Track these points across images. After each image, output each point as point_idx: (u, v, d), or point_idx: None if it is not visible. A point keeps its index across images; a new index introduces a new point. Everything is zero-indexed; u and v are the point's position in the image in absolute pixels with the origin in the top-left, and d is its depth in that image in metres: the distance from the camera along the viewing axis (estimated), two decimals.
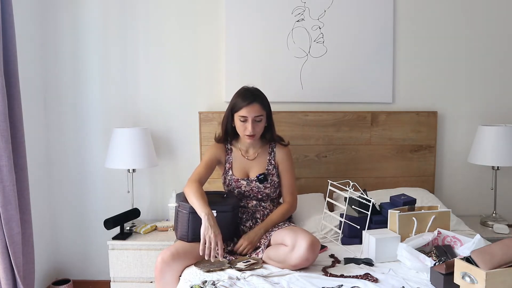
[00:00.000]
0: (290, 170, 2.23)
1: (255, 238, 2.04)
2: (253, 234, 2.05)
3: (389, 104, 2.75)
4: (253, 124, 2.11)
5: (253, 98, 2.11)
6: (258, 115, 2.11)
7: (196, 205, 1.93)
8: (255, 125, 2.12)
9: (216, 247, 1.85)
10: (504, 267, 1.52)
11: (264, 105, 2.14)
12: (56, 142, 2.75)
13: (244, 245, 2.01)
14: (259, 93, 2.16)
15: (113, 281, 2.40)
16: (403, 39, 2.72)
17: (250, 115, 2.10)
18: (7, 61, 2.07)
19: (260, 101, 2.13)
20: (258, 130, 2.14)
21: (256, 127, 2.12)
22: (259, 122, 2.13)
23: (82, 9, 2.67)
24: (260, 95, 2.16)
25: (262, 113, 2.13)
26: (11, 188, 2.01)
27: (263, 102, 2.14)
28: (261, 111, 2.12)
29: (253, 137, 2.14)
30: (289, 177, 2.22)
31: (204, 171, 2.15)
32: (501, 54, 2.74)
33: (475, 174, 2.78)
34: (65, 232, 2.81)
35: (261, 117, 2.12)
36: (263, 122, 2.16)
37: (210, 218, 1.88)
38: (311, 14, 2.66)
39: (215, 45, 2.70)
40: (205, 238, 1.85)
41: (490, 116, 2.76)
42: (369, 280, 1.76)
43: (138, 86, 2.73)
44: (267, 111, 2.17)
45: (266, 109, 2.16)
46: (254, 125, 2.11)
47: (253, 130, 2.11)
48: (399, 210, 2.08)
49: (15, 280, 2.09)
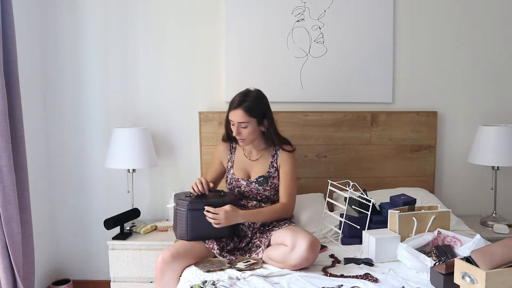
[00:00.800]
0: (290, 173, 2.15)
1: (230, 219, 1.96)
2: (233, 214, 1.97)
3: (389, 104, 2.75)
4: (238, 129, 2.09)
5: (238, 103, 2.06)
6: (242, 122, 2.07)
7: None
8: (241, 130, 2.09)
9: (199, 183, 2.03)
10: (504, 267, 1.52)
11: (251, 112, 2.06)
12: (56, 142, 2.75)
13: (217, 218, 1.94)
14: (250, 99, 2.07)
15: (113, 281, 2.40)
16: (403, 39, 2.72)
17: (234, 120, 2.08)
18: (7, 61, 2.07)
19: (246, 108, 2.05)
20: (245, 135, 2.10)
21: (243, 132, 2.09)
22: (244, 128, 2.09)
23: (82, 10, 2.67)
24: (251, 101, 2.07)
25: (247, 120, 2.06)
26: (11, 188, 2.01)
27: (250, 109, 2.05)
28: (245, 117, 2.05)
29: (243, 141, 2.12)
30: (288, 179, 2.15)
31: (211, 173, 2.29)
32: (501, 54, 2.74)
33: (475, 174, 2.78)
34: (65, 232, 2.81)
35: (246, 124, 2.07)
36: (251, 128, 2.09)
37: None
38: (311, 14, 2.67)
39: (215, 45, 2.70)
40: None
41: (490, 116, 2.76)
42: (369, 280, 1.76)
43: (138, 86, 2.73)
44: (258, 117, 2.09)
45: (254, 116, 2.07)
46: (240, 130, 2.09)
47: (238, 134, 2.09)
48: (399, 210, 2.08)
49: (15, 280, 2.09)
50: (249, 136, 2.11)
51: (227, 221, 1.96)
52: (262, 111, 2.11)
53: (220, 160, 2.29)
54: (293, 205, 2.16)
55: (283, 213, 2.12)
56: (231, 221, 1.97)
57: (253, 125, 2.09)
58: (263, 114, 2.12)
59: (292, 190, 2.15)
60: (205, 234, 2.01)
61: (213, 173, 2.29)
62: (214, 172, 2.29)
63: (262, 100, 2.14)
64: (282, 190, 2.15)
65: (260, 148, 2.22)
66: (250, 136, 2.11)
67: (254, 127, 2.10)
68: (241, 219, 2.01)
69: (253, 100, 2.08)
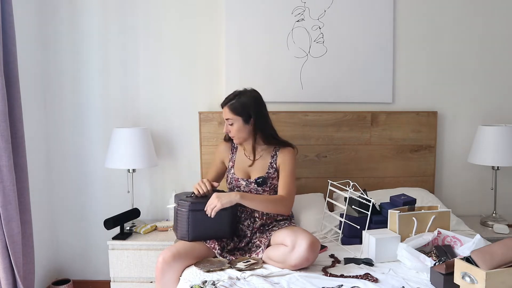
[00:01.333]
0: (289, 170, 2.14)
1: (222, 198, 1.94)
2: (224, 194, 1.97)
3: (389, 104, 2.75)
4: (227, 126, 2.16)
5: (226, 100, 2.14)
6: (227, 118, 2.14)
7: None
8: (229, 127, 2.15)
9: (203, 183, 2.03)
10: (504, 267, 1.52)
11: (236, 110, 2.10)
12: (56, 142, 2.75)
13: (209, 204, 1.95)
14: (237, 98, 2.12)
15: (113, 281, 2.40)
16: (403, 39, 2.72)
17: (223, 116, 2.16)
18: (7, 61, 2.07)
19: (231, 106, 2.11)
20: (234, 132, 2.14)
21: (231, 129, 2.15)
22: (231, 125, 2.14)
23: (82, 11, 2.67)
24: (238, 100, 2.12)
25: (232, 118, 2.12)
26: (11, 188, 2.01)
27: (236, 108, 2.10)
28: (230, 115, 2.12)
29: (234, 139, 2.17)
30: (287, 175, 2.13)
31: (211, 173, 2.29)
32: (501, 54, 2.74)
33: (475, 174, 2.78)
34: (65, 232, 2.81)
35: (231, 121, 2.13)
36: (236, 125, 2.12)
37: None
38: (311, 14, 2.67)
39: (215, 45, 2.70)
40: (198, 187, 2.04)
41: (490, 116, 2.76)
42: (369, 280, 1.76)
43: (138, 86, 2.73)
44: (243, 116, 2.11)
45: (240, 114, 2.11)
46: (228, 127, 2.16)
47: (227, 131, 2.17)
48: (399, 210, 2.08)
49: (15, 280, 2.09)
50: (237, 133, 2.15)
51: (220, 200, 1.93)
52: (248, 111, 2.12)
53: (222, 159, 2.29)
54: (291, 200, 2.11)
55: (280, 204, 2.06)
56: (224, 198, 1.94)
57: (239, 123, 2.13)
58: (249, 113, 2.12)
59: (290, 185, 2.12)
60: (206, 234, 2.02)
61: (214, 172, 2.29)
62: (214, 172, 2.29)
63: (252, 99, 2.14)
64: (281, 185, 2.13)
65: (260, 148, 2.22)
66: (239, 133, 2.15)
67: (240, 125, 2.13)
68: (234, 195, 1.97)
69: (240, 99, 2.13)
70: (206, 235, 2.02)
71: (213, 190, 2.08)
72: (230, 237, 2.08)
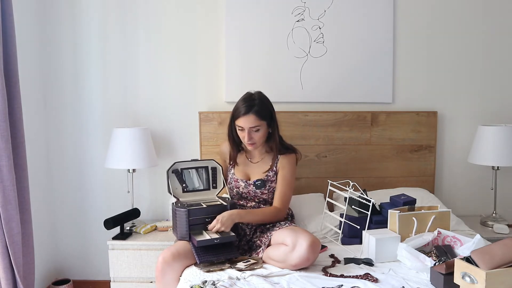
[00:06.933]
0: (288, 178, 2.14)
1: (228, 222, 1.95)
2: (227, 215, 1.97)
3: (389, 104, 2.75)
4: (250, 134, 2.08)
5: (249, 108, 2.06)
6: (254, 126, 2.07)
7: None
8: (253, 134, 2.09)
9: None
10: (504, 267, 1.52)
11: (261, 115, 2.07)
12: (56, 142, 2.75)
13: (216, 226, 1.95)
14: (257, 102, 2.08)
15: (113, 281, 2.40)
16: (403, 39, 2.72)
17: (245, 125, 2.07)
18: (7, 61, 2.07)
19: (256, 112, 2.06)
20: (257, 138, 2.10)
21: (254, 136, 2.09)
22: (256, 132, 2.09)
23: (82, 11, 2.67)
24: (259, 104, 2.08)
25: (259, 124, 2.07)
26: (11, 188, 2.01)
27: (260, 113, 2.07)
28: (257, 121, 2.06)
29: (253, 145, 2.12)
30: (285, 184, 2.14)
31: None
32: (501, 54, 2.74)
33: (475, 174, 2.78)
34: (65, 232, 2.81)
35: (258, 127, 2.08)
36: (262, 131, 2.10)
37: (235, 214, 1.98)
38: (311, 14, 2.67)
39: (215, 45, 2.70)
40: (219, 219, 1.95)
41: (490, 116, 2.76)
42: (369, 280, 1.76)
43: (138, 86, 2.73)
44: (267, 120, 2.10)
45: (265, 118, 2.09)
46: (252, 135, 2.09)
47: (250, 139, 2.09)
48: (399, 210, 2.08)
49: (15, 280, 2.09)
50: (260, 138, 2.11)
51: (223, 224, 1.94)
52: (270, 112, 2.13)
53: (224, 159, 2.29)
54: (285, 210, 2.15)
55: (274, 217, 2.11)
56: (227, 222, 1.95)
57: (264, 128, 2.11)
58: (271, 114, 2.13)
59: (286, 196, 2.14)
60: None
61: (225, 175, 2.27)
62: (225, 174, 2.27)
63: (268, 101, 2.15)
64: (277, 194, 2.15)
65: (262, 151, 2.22)
66: (261, 139, 2.12)
67: (265, 129, 2.12)
68: (235, 216, 1.99)
69: (262, 102, 2.10)
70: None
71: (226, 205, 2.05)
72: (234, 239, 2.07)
